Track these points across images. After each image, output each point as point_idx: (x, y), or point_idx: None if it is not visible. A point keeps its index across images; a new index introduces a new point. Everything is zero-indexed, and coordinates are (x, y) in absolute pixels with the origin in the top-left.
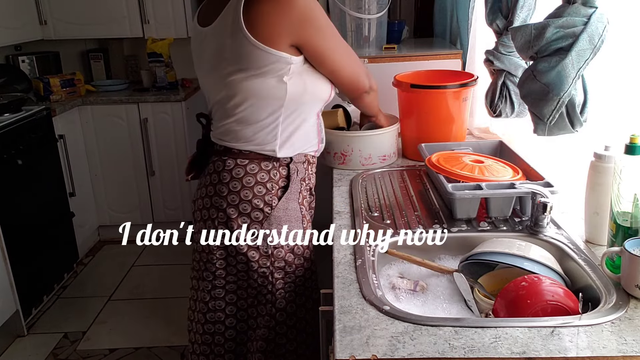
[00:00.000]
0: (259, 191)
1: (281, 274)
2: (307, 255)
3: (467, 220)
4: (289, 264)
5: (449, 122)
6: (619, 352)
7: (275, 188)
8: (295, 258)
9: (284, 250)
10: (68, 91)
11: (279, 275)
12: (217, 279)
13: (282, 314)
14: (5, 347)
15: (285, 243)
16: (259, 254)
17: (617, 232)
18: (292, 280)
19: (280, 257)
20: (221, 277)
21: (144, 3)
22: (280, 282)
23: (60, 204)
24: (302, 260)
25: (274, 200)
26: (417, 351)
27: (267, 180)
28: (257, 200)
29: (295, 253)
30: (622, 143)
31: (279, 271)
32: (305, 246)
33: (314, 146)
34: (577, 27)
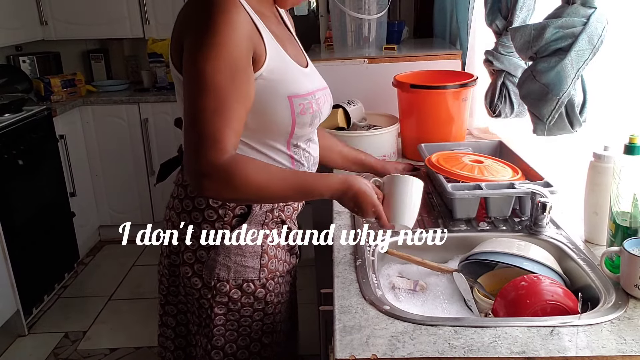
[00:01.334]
0: (209, 216)
1: (222, 309)
2: (260, 294)
3: (466, 220)
4: (233, 301)
5: (448, 122)
6: (618, 351)
7: (228, 215)
8: (242, 296)
9: (229, 285)
10: (69, 91)
11: (219, 311)
12: (169, 295)
13: (217, 352)
14: (6, 347)
15: (232, 277)
16: (202, 283)
17: (616, 232)
18: (236, 319)
19: (223, 292)
20: (173, 294)
21: (145, 3)
22: (221, 318)
23: (60, 204)
24: (252, 300)
25: (225, 228)
26: (417, 351)
27: (220, 206)
28: (206, 225)
29: (243, 290)
30: (621, 143)
31: (219, 306)
32: (259, 284)
33: None
34: (577, 28)
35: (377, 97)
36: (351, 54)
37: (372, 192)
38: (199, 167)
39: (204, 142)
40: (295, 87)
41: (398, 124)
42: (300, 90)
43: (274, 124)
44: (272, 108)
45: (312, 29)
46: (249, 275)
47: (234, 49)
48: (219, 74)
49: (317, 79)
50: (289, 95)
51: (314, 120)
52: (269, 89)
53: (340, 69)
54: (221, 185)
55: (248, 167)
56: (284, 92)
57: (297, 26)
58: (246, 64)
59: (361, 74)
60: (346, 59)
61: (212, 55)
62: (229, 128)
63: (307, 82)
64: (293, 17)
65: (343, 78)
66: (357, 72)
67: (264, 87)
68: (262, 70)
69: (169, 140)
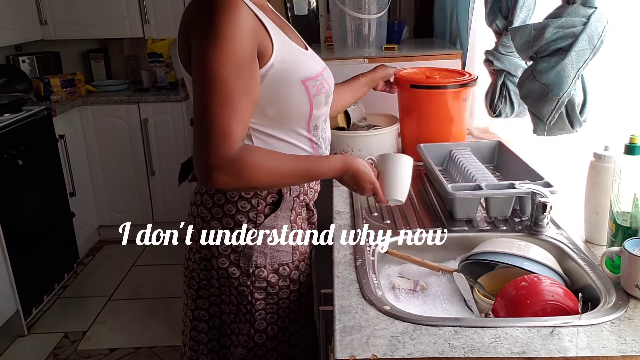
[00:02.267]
0: (243, 206)
1: (262, 294)
2: (295, 276)
3: (466, 220)
4: (271, 285)
5: (448, 122)
6: (618, 352)
7: (261, 204)
8: (279, 279)
9: (267, 271)
10: (68, 91)
11: (259, 296)
12: (201, 289)
13: (260, 335)
14: (5, 347)
15: (269, 262)
16: (240, 272)
17: (616, 232)
18: (275, 302)
19: (261, 278)
20: (205, 287)
21: (144, 3)
22: (261, 302)
23: (60, 204)
24: (288, 282)
25: (259, 217)
26: (417, 351)
27: (253, 196)
28: (240, 215)
29: (279, 274)
30: (622, 143)
31: (259, 291)
32: (293, 266)
33: None
34: (577, 28)
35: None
36: (351, 54)
37: (369, 170)
38: (210, 161)
39: (213, 135)
40: (306, 70)
41: (398, 123)
42: (311, 72)
43: (294, 109)
44: (290, 95)
45: (312, 29)
46: (283, 259)
47: (238, 45)
48: (225, 70)
49: (319, 60)
50: (302, 80)
51: (328, 99)
52: (283, 77)
53: (340, 69)
54: (232, 177)
55: (257, 156)
56: (297, 77)
57: (297, 26)
58: (251, 59)
59: None
60: (346, 59)
61: (217, 52)
62: (237, 121)
63: (314, 63)
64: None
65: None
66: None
67: (277, 76)
68: (273, 61)
69: (168, 140)
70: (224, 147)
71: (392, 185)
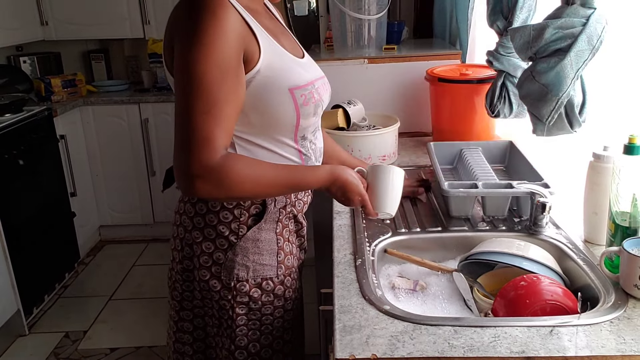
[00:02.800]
0: (225, 217)
1: (244, 309)
2: (280, 292)
3: (465, 219)
4: (253, 300)
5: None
6: (617, 351)
7: (244, 215)
8: (262, 294)
9: (249, 285)
10: (69, 91)
11: (240, 311)
12: (184, 301)
13: (241, 352)
14: (6, 347)
15: (251, 276)
16: (221, 285)
17: (615, 232)
18: (257, 318)
19: (243, 292)
20: (188, 299)
21: (145, 4)
22: (243, 318)
23: (61, 204)
24: (272, 298)
25: (242, 228)
26: (417, 350)
27: (235, 206)
28: (222, 226)
29: (263, 288)
30: (621, 143)
31: (241, 306)
32: (277, 281)
33: None
34: (576, 28)
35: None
36: (351, 54)
37: (358, 181)
38: (191, 169)
39: (195, 143)
40: (295, 78)
41: (398, 123)
42: (299, 81)
43: (279, 118)
44: (275, 103)
45: (312, 29)
46: (267, 273)
47: (223, 49)
48: (208, 75)
49: (315, 69)
50: (289, 88)
51: (317, 109)
52: (269, 84)
53: (340, 69)
54: (214, 186)
55: (240, 164)
56: (284, 85)
57: (297, 26)
58: (236, 64)
59: (361, 74)
60: (346, 59)
61: (202, 56)
62: (220, 128)
63: (305, 72)
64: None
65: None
66: (357, 72)
67: (263, 83)
68: (259, 67)
69: (169, 140)
70: (206, 155)
71: (382, 198)
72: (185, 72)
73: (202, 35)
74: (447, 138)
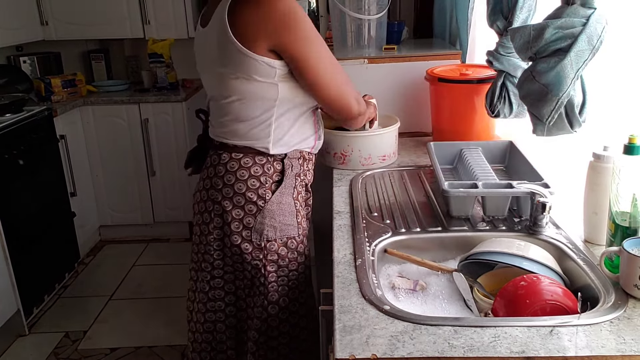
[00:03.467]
0: (253, 184)
1: (274, 267)
2: (301, 249)
3: (465, 219)
4: (282, 258)
5: (472, 116)
6: (617, 351)
7: (269, 182)
8: (288, 252)
9: (277, 244)
10: (69, 91)
11: (271, 269)
12: (215, 269)
13: (274, 306)
14: (6, 347)
15: (278, 236)
16: (252, 247)
17: (615, 232)
18: (285, 274)
19: (273, 250)
20: (219, 267)
21: (145, 4)
22: (273, 275)
23: (61, 204)
24: (296, 255)
25: (267, 193)
26: (417, 350)
27: (261, 174)
28: (250, 193)
29: (288, 247)
30: (621, 143)
31: (271, 264)
32: (299, 240)
33: (309, 143)
34: (576, 28)
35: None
36: (351, 54)
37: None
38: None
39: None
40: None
41: (398, 123)
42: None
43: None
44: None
45: None
46: (291, 232)
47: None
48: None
49: None
50: None
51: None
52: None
53: None
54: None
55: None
56: None
57: None
58: None
59: (361, 74)
60: (346, 59)
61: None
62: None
63: None
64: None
65: None
66: (357, 72)
67: None
68: None
69: (169, 140)
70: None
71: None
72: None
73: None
74: (447, 138)
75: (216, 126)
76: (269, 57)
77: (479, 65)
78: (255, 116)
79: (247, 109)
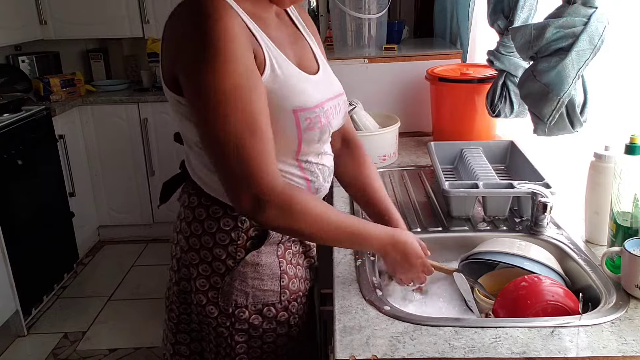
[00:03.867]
0: (222, 239)
1: (243, 337)
2: (283, 318)
3: (466, 219)
4: (254, 328)
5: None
6: (619, 352)
7: (242, 238)
8: (264, 322)
9: (248, 312)
10: (68, 91)
11: (240, 339)
12: (181, 324)
13: None
14: (5, 347)
15: (251, 302)
16: (218, 311)
17: (617, 232)
18: (259, 346)
19: (242, 319)
20: (185, 322)
21: (144, 3)
22: (242, 346)
23: (60, 204)
24: (274, 325)
25: (239, 251)
26: (417, 351)
27: (232, 228)
28: (218, 249)
29: (264, 315)
30: (622, 143)
31: (240, 334)
32: (280, 307)
33: None
34: (577, 27)
35: (377, 97)
36: (351, 54)
37: (418, 245)
38: (259, 194)
39: (254, 167)
40: (301, 99)
41: (398, 123)
42: (306, 102)
43: (278, 139)
44: (276, 122)
45: None
46: (269, 299)
47: (240, 57)
48: (240, 90)
49: (328, 87)
50: (293, 109)
51: (323, 136)
52: (271, 100)
53: (340, 69)
54: (283, 212)
55: (304, 195)
56: (288, 104)
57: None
58: (255, 69)
59: (361, 74)
60: (346, 59)
61: (224, 70)
62: (270, 146)
63: (316, 92)
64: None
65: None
66: (357, 72)
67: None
68: (263, 79)
69: (168, 140)
70: (272, 178)
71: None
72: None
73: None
74: (447, 138)
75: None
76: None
77: (480, 65)
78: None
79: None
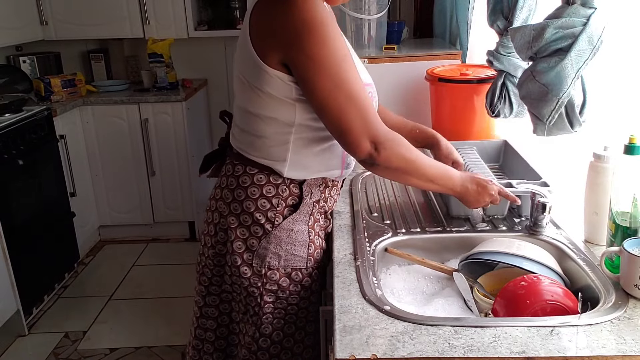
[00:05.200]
0: (263, 205)
1: (272, 297)
2: (307, 283)
3: (465, 219)
4: (282, 289)
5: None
6: (618, 351)
7: (281, 205)
8: (290, 284)
9: (279, 273)
10: (69, 91)
11: (268, 299)
12: (212, 286)
13: (265, 340)
14: (6, 347)
15: (282, 265)
16: (251, 272)
17: (616, 232)
18: (283, 307)
19: (273, 280)
20: (217, 284)
21: (145, 3)
22: (270, 306)
23: (61, 204)
24: (299, 288)
25: (277, 217)
26: (417, 351)
27: (274, 195)
28: (258, 214)
29: (291, 278)
30: (621, 143)
31: (269, 294)
32: (306, 273)
33: (334, 173)
34: (577, 28)
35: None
36: None
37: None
38: (377, 137)
39: (370, 117)
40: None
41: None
42: (365, 80)
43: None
44: None
45: None
46: (297, 264)
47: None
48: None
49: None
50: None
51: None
52: None
53: None
54: (393, 153)
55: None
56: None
57: None
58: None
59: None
60: None
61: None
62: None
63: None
64: None
65: None
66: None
67: None
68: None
69: (169, 140)
70: (381, 125)
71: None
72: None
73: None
74: (447, 138)
75: (235, 134)
76: (282, 71)
77: (479, 65)
78: (269, 135)
79: (262, 125)
